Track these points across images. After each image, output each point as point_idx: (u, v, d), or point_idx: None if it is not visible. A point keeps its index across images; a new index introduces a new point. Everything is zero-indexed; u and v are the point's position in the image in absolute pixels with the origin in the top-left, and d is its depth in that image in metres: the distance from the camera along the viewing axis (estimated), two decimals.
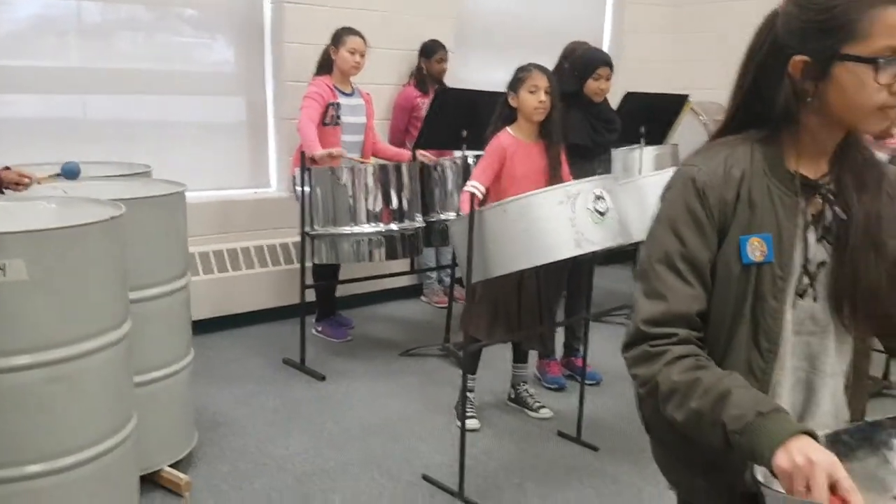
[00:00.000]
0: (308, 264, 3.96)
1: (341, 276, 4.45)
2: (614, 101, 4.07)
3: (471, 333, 3.06)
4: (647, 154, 4.49)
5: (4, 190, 2.69)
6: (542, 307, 3.30)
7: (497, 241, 2.66)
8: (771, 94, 1.21)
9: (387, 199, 3.82)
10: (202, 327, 4.17)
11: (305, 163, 3.76)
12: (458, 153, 4.00)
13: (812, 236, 1.24)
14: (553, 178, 3.17)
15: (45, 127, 4.00)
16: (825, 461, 0.99)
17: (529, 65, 3.21)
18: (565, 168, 3.26)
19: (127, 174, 3.31)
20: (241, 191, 4.67)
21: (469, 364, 3.26)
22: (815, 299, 1.25)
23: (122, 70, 4.21)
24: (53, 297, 1.99)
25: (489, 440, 3.28)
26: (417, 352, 4.23)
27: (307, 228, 3.81)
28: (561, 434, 3.33)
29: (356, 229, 3.79)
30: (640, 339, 1.22)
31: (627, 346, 1.24)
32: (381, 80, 4.86)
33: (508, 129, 3.22)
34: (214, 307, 4.36)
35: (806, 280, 1.24)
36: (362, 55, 4.06)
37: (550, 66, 3.50)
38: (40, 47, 3.99)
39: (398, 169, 3.88)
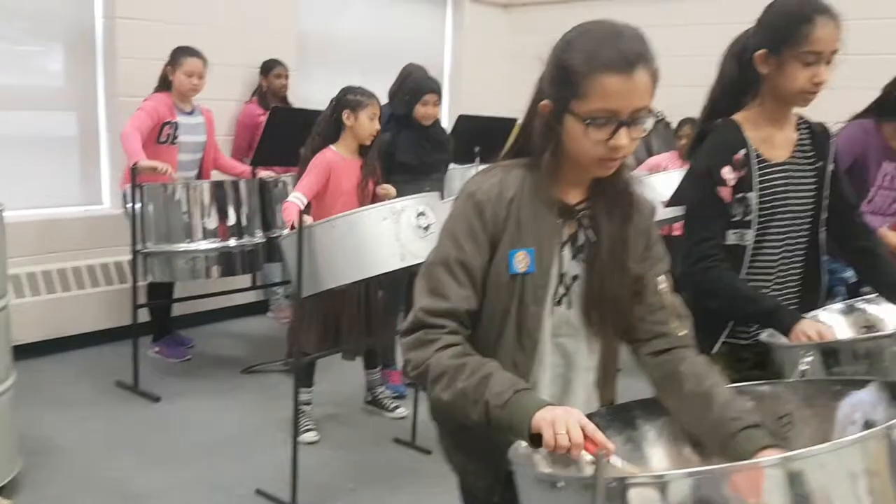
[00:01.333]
0: (141, 283, 3.89)
1: (180, 294, 4.39)
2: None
3: (301, 347, 3.12)
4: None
5: None
6: (373, 318, 3.42)
7: (326, 256, 2.76)
8: (531, 129, 1.40)
9: (224, 216, 3.83)
10: (32, 351, 4.01)
11: (136, 179, 3.70)
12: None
13: (567, 253, 1.42)
14: (362, 193, 3.34)
15: None
16: (574, 413, 1.19)
17: (371, 93, 3.36)
18: (371, 186, 3.40)
19: None
20: (72, 208, 4.51)
21: (302, 377, 3.31)
22: (569, 307, 1.43)
23: None
24: None
25: (327, 451, 3.35)
26: (259, 368, 4.23)
27: (139, 246, 3.75)
28: (397, 440, 3.46)
29: (191, 246, 3.77)
30: (418, 326, 1.36)
31: (406, 332, 1.38)
32: (224, 97, 4.84)
33: (332, 146, 3.33)
34: (44, 330, 4.18)
35: (562, 290, 1.43)
36: (200, 77, 4.02)
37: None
38: None
39: (235, 185, 3.89)
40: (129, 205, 3.75)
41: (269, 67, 4.91)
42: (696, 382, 1.39)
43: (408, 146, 3.89)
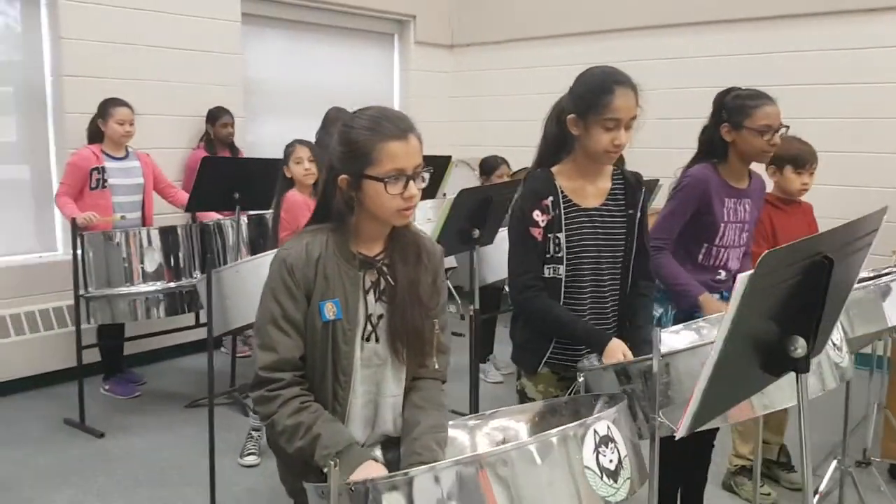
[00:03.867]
0: (87, 325, 4.13)
1: (132, 333, 4.62)
2: None
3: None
4: (421, 207, 5.01)
5: None
6: None
7: (233, 298, 3.01)
8: (331, 200, 1.70)
9: (165, 258, 4.08)
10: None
11: (76, 228, 3.96)
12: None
13: (371, 298, 1.73)
14: None
15: None
16: (380, 472, 1.55)
17: (294, 141, 3.68)
18: None
19: None
20: (23, 256, 4.75)
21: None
22: (377, 341, 1.74)
23: None
24: None
25: (267, 477, 3.54)
26: (204, 402, 4.45)
27: (81, 291, 4.00)
28: None
29: (132, 289, 4.01)
30: (259, 383, 1.67)
31: (252, 389, 1.68)
32: (171, 144, 5.14)
33: (295, 189, 3.62)
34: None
35: (370, 328, 1.73)
36: (131, 123, 4.31)
37: None
38: None
39: (174, 230, 4.15)
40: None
41: (216, 116, 5.19)
42: (412, 409, 1.75)
43: None
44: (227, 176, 4.12)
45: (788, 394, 1.77)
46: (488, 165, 5.01)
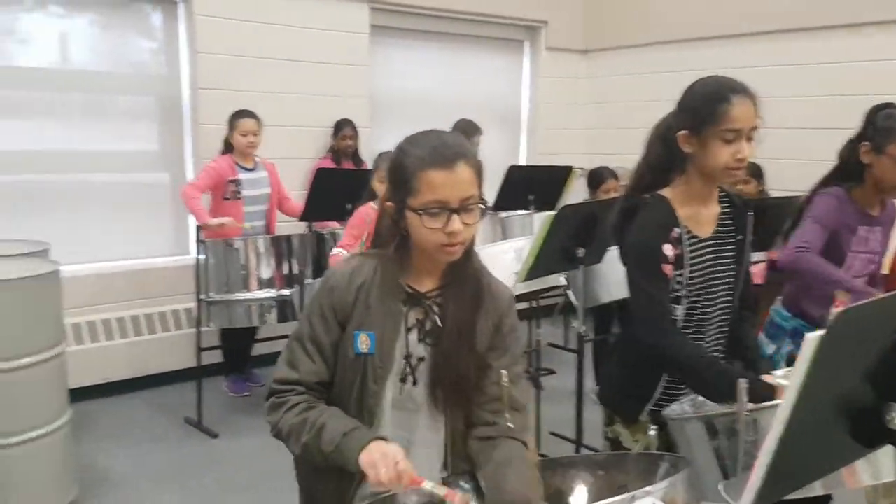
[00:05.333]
0: (206, 328, 4.29)
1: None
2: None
3: None
4: (538, 218, 4.86)
5: None
6: None
7: None
8: (384, 224, 1.59)
9: (278, 266, 4.18)
10: (116, 388, 4.50)
11: (200, 234, 4.12)
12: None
13: (414, 337, 1.57)
14: None
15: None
16: (393, 449, 1.40)
17: (383, 154, 3.62)
18: None
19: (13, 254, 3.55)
20: (161, 259, 5.02)
21: None
22: (414, 384, 1.58)
23: (64, 151, 4.65)
24: None
25: None
26: None
27: (203, 295, 4.16)
28: None
29: (248, 295, 4.13)
30: (271, 393, 1.57)
31: (266, 400, 1.59)
32: (298, 154, 5.27)
33: (373, 203, 3.57)
34: (130, 369, 4.68)
35: (408, 369, 1.57)
36: (255, 134, 4.43)
37: None
38: None
39: (289, 238, 4.24)
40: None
41: (339, 127, 5.27)
42: (496, 468, 1.51)
43: None
44: (341, 186, 4.15)
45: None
46: (595, 178, 4.58)
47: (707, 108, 1.83)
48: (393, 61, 5.97)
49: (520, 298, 3.12)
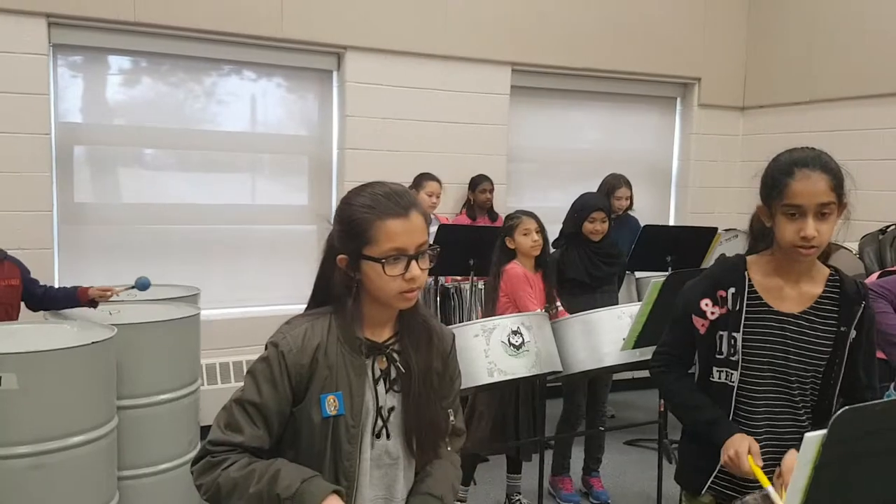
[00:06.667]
0: None
1: None
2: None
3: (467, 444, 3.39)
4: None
5: (97, 301, 3.44)
6: (538, 420, 3.57)
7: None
8: (331, 281, 1.57)
9: None
10: None
11: None
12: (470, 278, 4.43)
13: (382, 388, 1.56)
14: (548, 301, 3.54)
15: (161, 249, 4.87)
16: None
17: (518, 211, 3.68)
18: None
19: (165, 298, 3.88)
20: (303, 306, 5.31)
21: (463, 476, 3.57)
22: (388, 437, 1.57)
23: (220, 204, 5.12)
24: (39, 402, 2.62)
25: None
26: None
27: None
28: None
29: None
30: (205, 454, 1.50)
31: (194, 462, 1.51)
32: (438, 211, 5.44)
33: (516, 261, 3.61)
34: None
35: (380, 423, 1.56)
36: (437, 196, 4.84)
37: None
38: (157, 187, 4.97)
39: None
40: None
41: (476, 183, 5.39)
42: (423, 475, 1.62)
43: (576, 262, 3.98)
44: (463, 241, 4.23)
45: None
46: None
47: (773, 181, 1.78)
48: (532, 120, 6.04)
49: (641, 365, 2.98)
